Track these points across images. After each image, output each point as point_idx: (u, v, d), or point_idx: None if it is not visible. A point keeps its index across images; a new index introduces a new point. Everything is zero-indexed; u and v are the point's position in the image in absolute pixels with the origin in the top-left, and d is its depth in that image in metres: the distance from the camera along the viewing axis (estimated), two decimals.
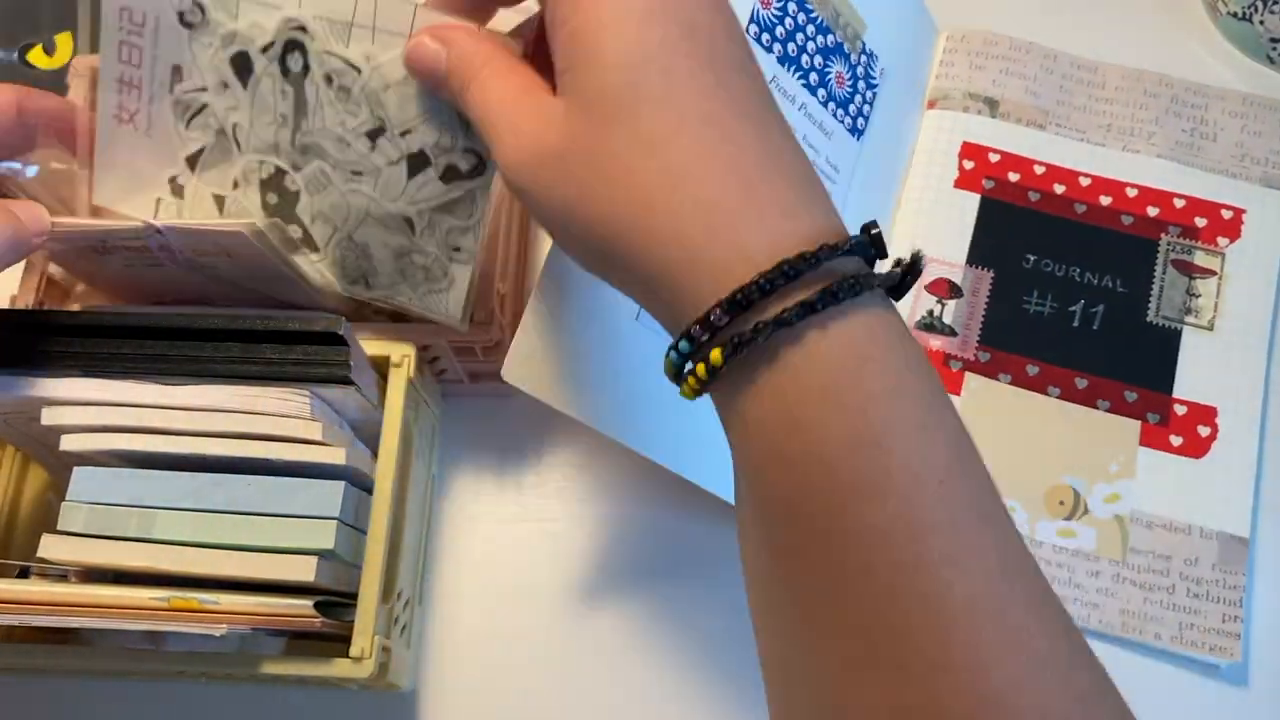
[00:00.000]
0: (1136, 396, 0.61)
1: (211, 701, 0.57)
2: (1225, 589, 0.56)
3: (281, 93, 0.46)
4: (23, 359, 0.48)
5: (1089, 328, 0.62)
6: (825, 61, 0.60)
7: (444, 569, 0.60)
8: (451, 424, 0.63)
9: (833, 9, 0.60)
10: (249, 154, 0.48)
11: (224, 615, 0.46)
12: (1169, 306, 0.63)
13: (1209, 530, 0.58)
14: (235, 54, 0.46)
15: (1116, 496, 0.59)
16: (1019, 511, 0.58)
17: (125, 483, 0.48)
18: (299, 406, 0.49)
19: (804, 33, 0.59)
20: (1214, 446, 0.59)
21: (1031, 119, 0.67)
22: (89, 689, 0.58)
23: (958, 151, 0.66)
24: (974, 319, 0.63)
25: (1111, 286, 0.63)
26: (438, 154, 0.46)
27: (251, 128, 0.47)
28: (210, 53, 0.46)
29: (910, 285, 0.35)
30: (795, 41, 0.58)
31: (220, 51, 0.46)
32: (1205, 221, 0.64)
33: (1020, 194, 0.65)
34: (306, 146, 0.47)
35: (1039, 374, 0.61)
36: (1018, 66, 0.68)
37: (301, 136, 0.46)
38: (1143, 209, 0.65)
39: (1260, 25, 0.68)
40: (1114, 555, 0.57)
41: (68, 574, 0.52)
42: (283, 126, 0.47)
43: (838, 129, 0.62)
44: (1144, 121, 0.67)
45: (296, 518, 0.48)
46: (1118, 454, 0.59)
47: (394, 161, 0.46)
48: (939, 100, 0.68)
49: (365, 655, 0.47)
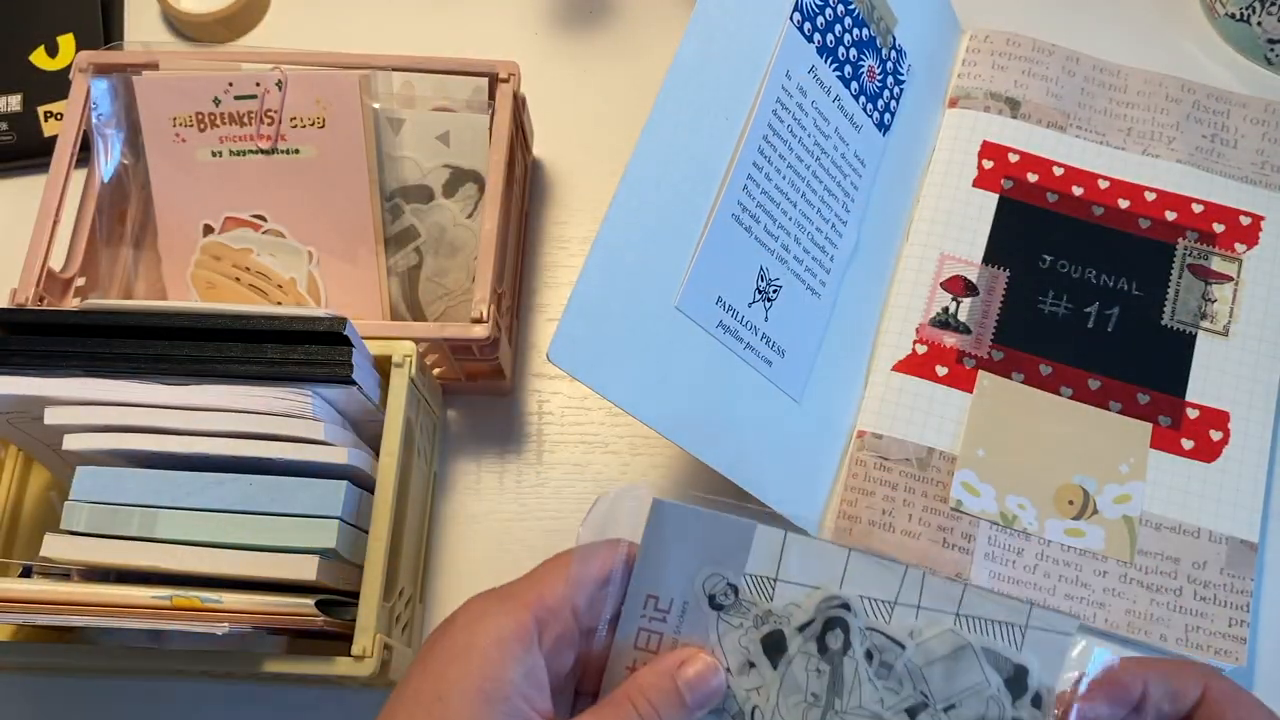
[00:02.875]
0: (1149, 399, 0.60)
1: (213, 700, 0.58)
2: (1233, 593, 0.56)
3: (816, 671, 0.43)
4: (25, 359, 0.48)
5: (1103, 329, 0.62)
6: (860, 55, 0.60)
7: (445, 567, 0.60)
8: (452, 423, 0.63)
9: (869, 2, 0.60)
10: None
11: (226, 614, 0.46)
12: (1184, 311, 0.62)
13: (1218, 534, 0.57)
14: (768, 633, 0.43)
15: (1126, 498, 0.58)
16: (1028, 509, 0.58)
17: (127, 482, 0.48)
18: (301, 406, 0.48)
19: (842, 24, 0.58)
20: (1225, 451, 0.59)
21: (1052, 120, 0.66)
22: (91, 687, 0.58)
23: (977, 151, 0.66)
24: (989, 317, 0.62)
25: (1127, 289, 0.62)
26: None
27: (776, 709, 0.44)
28: (739, 634, 0.43)
29: None
30: (834, 33, 0.58)
31: (751, 631, 0.43)
32: (1223, 227, 0.63)
33: (1039, 195, 0.65)
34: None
35: (1052, 374, 0.61)
36: (1040, 68, 0.67)
37: (834, 717, 0.43)
38: (1161, 213, 0.64)
39: (1258, 26, 0.67)
40: (1122, 556, 0.57)
41: (70, 573, 0.52)
42: (812, 706, 0.43)
43: (866, 123, 0.61)
44: (1165, 126, 0.66)
45: (298, 517, 0.48)
46: (1129, 455, 0.59)
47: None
48: (960, 99, 0.67)
49: (367, 653, 0.48)
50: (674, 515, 0.42)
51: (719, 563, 0.42)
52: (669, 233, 0.50)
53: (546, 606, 0.40)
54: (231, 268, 0.62)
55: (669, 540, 0.42)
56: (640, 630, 0.42)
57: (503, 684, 0.37)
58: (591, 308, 0.47)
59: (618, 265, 0.48)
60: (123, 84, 0.61)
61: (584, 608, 0.41)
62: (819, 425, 0.59)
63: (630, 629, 0.42)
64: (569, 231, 0.68)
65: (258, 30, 0.74)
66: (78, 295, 0.59)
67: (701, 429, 0.52)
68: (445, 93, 0.62)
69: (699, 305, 0.52)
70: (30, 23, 0.73)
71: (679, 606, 0.42)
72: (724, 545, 0.42)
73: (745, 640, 0.43)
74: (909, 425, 0.60)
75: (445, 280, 0.62)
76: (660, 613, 0.43)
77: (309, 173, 0.61)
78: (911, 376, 0.61)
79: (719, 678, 0.41)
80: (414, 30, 0.73)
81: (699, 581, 0.42)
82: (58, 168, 0.59)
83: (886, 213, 0.64)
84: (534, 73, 0.66)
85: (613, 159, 0.69)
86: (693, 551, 0.42)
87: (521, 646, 0.38)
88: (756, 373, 0.55)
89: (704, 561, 0.42)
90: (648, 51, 0.72)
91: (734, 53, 0.53)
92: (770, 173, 0.55)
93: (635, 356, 0.49)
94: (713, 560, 0.42)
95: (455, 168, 0.62)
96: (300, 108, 0.60)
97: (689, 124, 0.50)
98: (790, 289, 0.57)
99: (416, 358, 0.54)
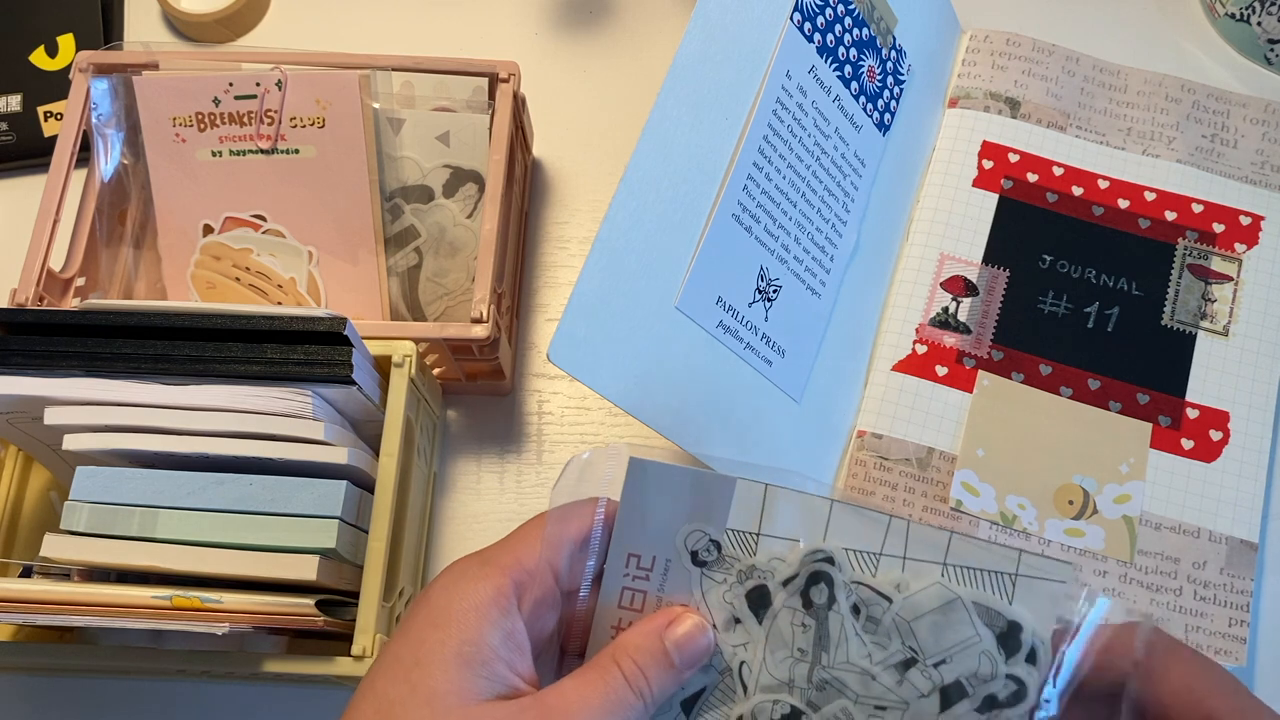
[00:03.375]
0: (1149, 399, 0.60)
1: (213, 699, 0.58)
2: (1233, 593, 0.56)
3: (801, 626, 0.43)
4: (25, 359, 0.48)
5: (1103, 329, 0.62)
6: (860, 55, 0.60)
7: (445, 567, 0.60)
8: (452, 423, 0.63)
9: (869, 2, 0.60)
10: (757, 695, 0.44)
11: (226, 614, 0.46)
12: (1184, 311, 0.62)
13: (1218, 534, 0.57)
14: (752, 589, 0.43)
15: (1126, 497, 0.58)
16: (1028, 509, 0.58)
17: (127, 482, 0.48)
18: (301, 406, 0.48)
19: (842, 24, 0.59)
20: (1225, 451, 0.59)
21: (1052, 120, 0.66)
22: (91, 687, 0.58)
23: (977, 151, 0.66)
24: (989, 317, 0.62)
25: (1127, 289, 0.62)
26: (975, 684, 0.41)
27: (763, 665, 0.43)
28: (723, 589, 0.43)
29: None
30: (834, 32, 0.58)
31: (735, 587, 0.43)
32: (1223, 227, 0.63)
33: (1038, 195, 0.65)
34: (825, 682, 0.43)
35: (1052, 374, 0.61)
36: (1040, 68, 0.67)
37: (820, 671, 0.42)
38: (1160, 213, 0.64)
39: (1258, 26, 0.67)
40: (1122, 556, 0.57)
41: (70, 573, 0.52)
42: (799, 662, 0.43)
43: (866, 123, 0.61)
44: (1165, 126, 0.66)
45: (298, 517, 0.48)
46: (1128, 455, 0.59)
47: (925, 694, 0.42)
48: (960, 99, 0.67)
49: (367, 653, 0.48)
50: (653, 472, 0.42)
51: (701, 519, 0.42)
52: (669, 232, 0.50)
53: (525, 569, 0.39)
54: (231, 268, 0.62)
55: (649, 497, 0.42)
56: (624, 589, 0.42)
57: (481, 648, 0.37)
58: (591, 307, 0.47)
59: (618, 265, 0.48)
60: (123, 84, 0.61)
61: (564, 569, 0.41)
62: (819, 425, 0.59)
63: (614, 588, 0.42)
64: (569, 231, 0.68)
65: (258, 30, 0.74)
66: (78, 295, 0.59)
67: (701, 429, 0.52)
68: (445, 93, 0.62)
69: (699, 305, 0.52)
70: (30, 23, 0.73)
71: (661, 564, 0.42)
72: (705, 501, 0.42)
73: (730, 596, 0.43)
74: (909, 425, 0.60)
75: (445, 280, 0.62)
76: (643, 570, 0.42)
77: (309, 173, 0.61)
78: (911, 376, 0.61)
79: (707, 637, 0.41)
80: (414, 30, 0.73)
81: (680, 538, 0.42)
82: (58, 168, 0.59)
83: (886, 213, 0.64)
84: (534, 73, 0.66)
85: (613, 159, 0.69)
86: (673, 508, 0.42)
87: (499, 610, 0.38)
88: (756, 373, 0.55)
89: (685, 518, 0.42)
90: (648, 52, 0.72)
91: (734, 52, 0.53)
92: (770, 172, 0.55)
93: (635, 356, 0.49)
94: (694, 516, 0.42)
95: (455, 168, 0.62)
96: (300, 108, 0.60)
97: (689, 123, 0.51)
98: (790, 289, 0.57)
99: (416, 358, 0.54)
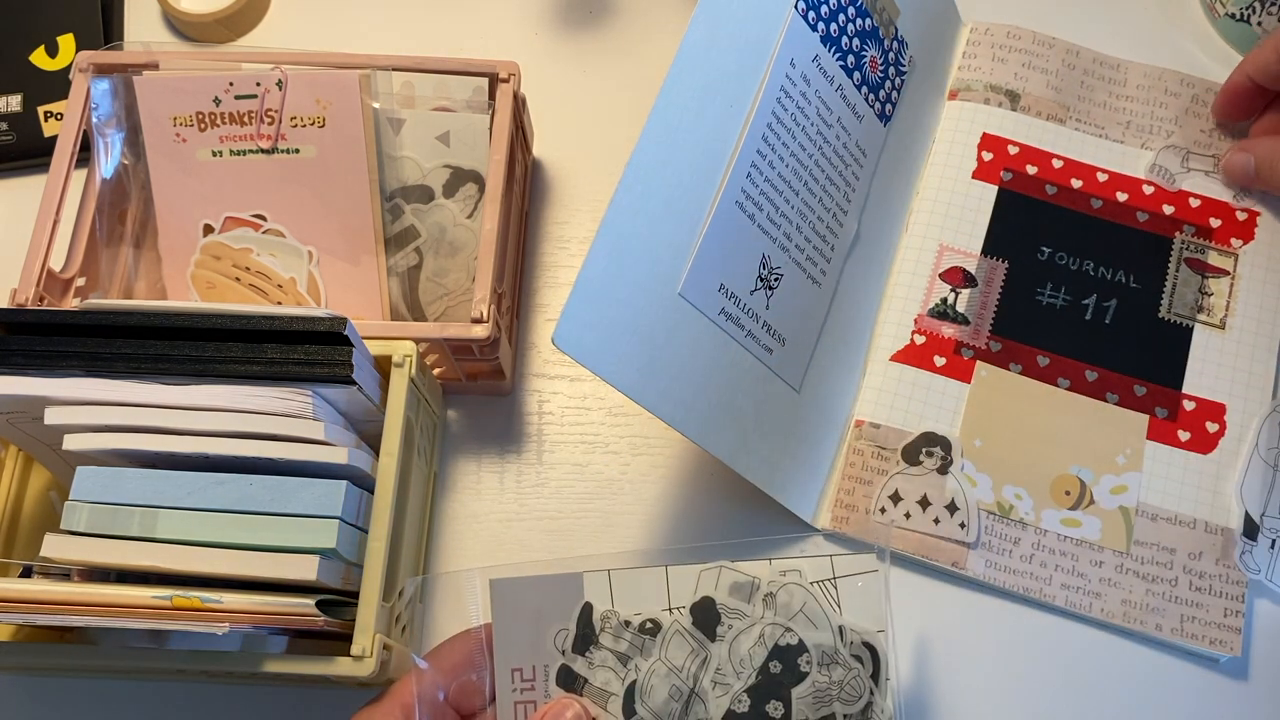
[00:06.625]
0: (1146, 391, 0.60)
1: (213, 699, 0.58)
2: (1228, 583, 0.56)
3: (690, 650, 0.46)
4: (25, 359, 0.48)
5: (1101, 321, 0.62)
6: (862, 45, 0.60)
7: (445, 568, 0.60)
8: (452, 423, 0.63)
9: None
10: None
11: (226, 614, 0.46)
12: (1181, 304, 0.62)
13: (1214, 525, 0.57)
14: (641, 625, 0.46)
15: (1123, 488, 0.58)
16: (1024, 499, 0.58)
17: (128, 482, 0.48)
18: (301, 406, 0.48)
19: (845, 14, 0.59)
20: (1221, 443, 0.59)
21: (1052, 113, 0.66)
22: (91, 687, 0.59)
23: (977, 143, 0.66)
24: (987, 308, 0.62)
25: (1125, 281, 0.63)
26: None
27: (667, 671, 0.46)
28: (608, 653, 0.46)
29: None
30: (837, 22, 0.58)
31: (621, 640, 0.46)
32: (1220, 222, 0.64)
33: (1037, 187, 0.65)
34: None
35: (1049, 365, 0.61)
36: (1040, 61, 0.67)
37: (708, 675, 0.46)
38: (1158, 207, 0.64)
39: (1258, 26, 0.67)
40: (1118, 546, 0.57)
41: (70, 573, 0.52)
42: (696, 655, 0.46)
43: (868, 113, 0.62)
44: (1164, 120, 0.66)
45: (298, 517, 0.48)
46: (1125, 446, 0.59)
47: None
48: (960, 91, 0.68)
49: (366, 653, 0.48)
50: (510, 590, 0.46)
51: (564, 617, 0.46)
52: (674, 218, 0.50)
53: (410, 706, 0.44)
54: (231, 268, 0.62)
55: (513, 614, 0.46)
56: (515, 704, 0.45)
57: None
58: (596, 292, 0.47)
59: (623, 251, 0.48)
60: (123, 84, 0.61)
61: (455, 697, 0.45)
62: (818, 414, 0.60)
63: (506, 706, 0.45)
64: (569, 231, 0.68)
65: (258, 30, 0.74)
66: (78, 295, 0.59)
67: (702, 416, 0.53)
68: (445, 93, 0.62)
69: (702, 292, 0.52)
70: (30, 23, 0.73)
71: (542, 672, 0.45)
72: (562, 600, 0.46)
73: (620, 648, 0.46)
74: (907, 415, 0.60)
75: (445, 280, 0.62)
76: (527, 683, 0.46)
77: (309, 172, 0.61)
78: (910, 366, 0.61)
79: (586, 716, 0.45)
80: (414, 30, 0.73)
81: (550, 640, 0.45)
82: (58, 168, 0.59)
83: (886, 203, 0.64)
84: (534, 73, 0.66)
85: (613, 159, 0.69)
86: (536, 617, 0.45)
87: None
88: (757, 360, 0.55)
89: (549, 621, 0.45)
90: (648, 51, 0.72)
91: (739, 40, 0.53)
92: (774, 160, 0.55)
93: (638, 343, 0.49)
94: (557, 617, 0.45)
95: (455, 168, 0.62)
96: (300, 107, 0.60)
97: (694, 111, 0.51)
98: (791, 277, 0.57)
99: (416, 358, 0.54)
